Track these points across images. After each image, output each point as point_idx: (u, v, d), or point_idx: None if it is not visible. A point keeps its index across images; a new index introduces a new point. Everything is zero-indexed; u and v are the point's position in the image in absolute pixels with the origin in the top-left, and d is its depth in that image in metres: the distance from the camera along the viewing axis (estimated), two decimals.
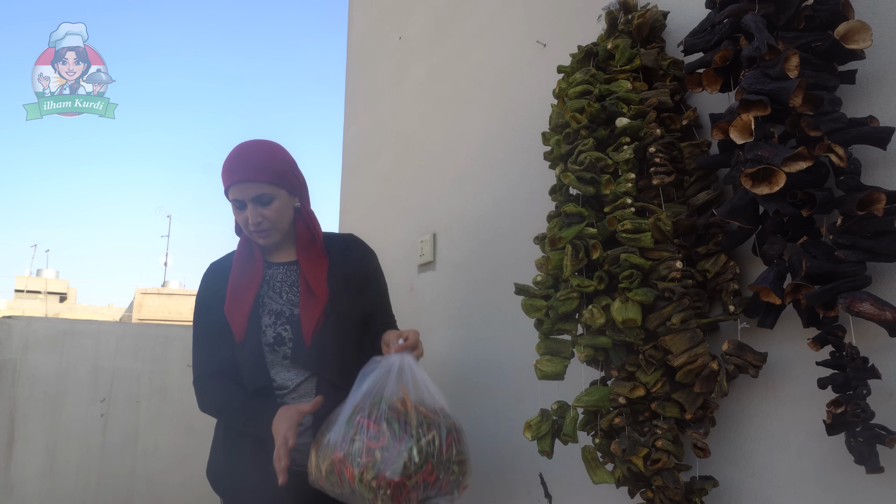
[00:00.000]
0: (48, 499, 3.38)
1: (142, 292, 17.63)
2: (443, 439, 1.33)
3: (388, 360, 1.40)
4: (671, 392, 1.17)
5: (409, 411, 1.33)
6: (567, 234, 1.25)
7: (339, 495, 1.33)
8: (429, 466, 1.29)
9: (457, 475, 1.35)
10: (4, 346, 3.43)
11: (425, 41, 2.53)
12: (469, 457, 1.40)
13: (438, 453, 1.31)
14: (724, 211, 1.10)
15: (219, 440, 1.63)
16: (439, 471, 1.30)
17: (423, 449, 1.29)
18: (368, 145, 2.98)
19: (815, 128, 1.02)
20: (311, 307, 1.57)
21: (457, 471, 1.35)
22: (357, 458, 1.27)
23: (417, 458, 1.27)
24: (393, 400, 1.33)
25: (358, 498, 1.30)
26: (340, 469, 1.28)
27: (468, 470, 1.39)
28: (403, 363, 1.40)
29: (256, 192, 1.55)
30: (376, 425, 1.30)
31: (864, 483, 1.00)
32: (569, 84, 1.36)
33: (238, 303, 1.57)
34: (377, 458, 1.26)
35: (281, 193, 1.58)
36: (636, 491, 1.21)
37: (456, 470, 1.34)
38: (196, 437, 3.41)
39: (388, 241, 2.58)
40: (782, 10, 1.08)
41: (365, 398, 1.34)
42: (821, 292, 0.98)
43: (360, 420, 1.31)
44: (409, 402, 1.34)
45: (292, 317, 1.58)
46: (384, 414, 1.31)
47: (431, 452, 1.30)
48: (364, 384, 1.36)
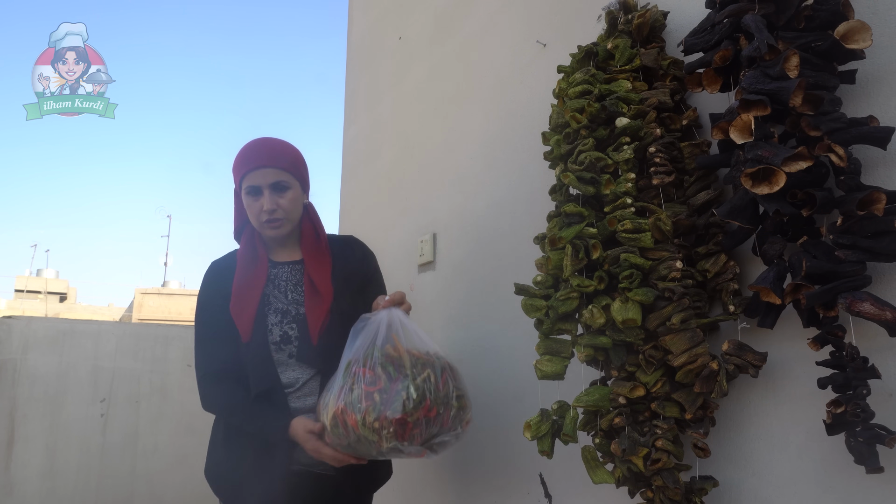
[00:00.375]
0: (48, 499, 3.38)
1: (142, 292, 17.63)
2: (438, 377, 1.38)
3: (376, 315, 1.45)
4: (671, 392, 1.17)
5: (402, 355, 1.38)
6: (567, 234, 1.25)
7: (346, 446, 1.37)
8: (427, 402, 1.34)
9: (457, 410, 1.40)
10: (4, 346, 3.43)
11: (425, 41, 2.53)
12: (467, 393, 1.45)
13: (435, 389, 1.36)
14: (724, 211, 1.10)
15: (218, 439, 1.63)
16: (438, 406, 1.36)
17: (419, 386, 1.34)
18: (368, 145, 2.98)
19: (815, 128, 1.02)
20: (318, 306, 1.58)
21: (456, 406, 1.40)
22: (357, 405, 1.32)
23: (415, 395, 1.32)
24: (386, 347, 1.38)
25: (364, 443, 1.34)
26: (343, 419, 1.33)
27: (468, 405, 1.44)
28: (392, 316, 1.44)
29: (274, 179, 1.58)
30: (372, 371, 1.35)
31: (864, 483, 1.00)
32: (569, 84, 1.36)
33: (244, 302, 1.58)
34: (376, 401, 1.31)
35: (295, 185, 1.63)
36: (636, 491, 1.21)
37: (455, 405, 1.39)
38: (196, 437, 3.41)
39: (388, 241, 2.58)
40: (782, 10, 1.08)
41: (358, 351, 1.39)
42: (821, 292, 0.98)
43: (355, 370, 1.36)
44: (401, 347, 1.39)
45: (298, 315, 1.59)
46: (378, 360, 1.36)
47: (428, 389, 1.35)
48: (356, 340, 1.41)
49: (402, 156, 2.64)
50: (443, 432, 1.38)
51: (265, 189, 1.58)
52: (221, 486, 1.60)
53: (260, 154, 1.59)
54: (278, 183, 1.58)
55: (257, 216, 1.59)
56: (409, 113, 2.61)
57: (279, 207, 1.58)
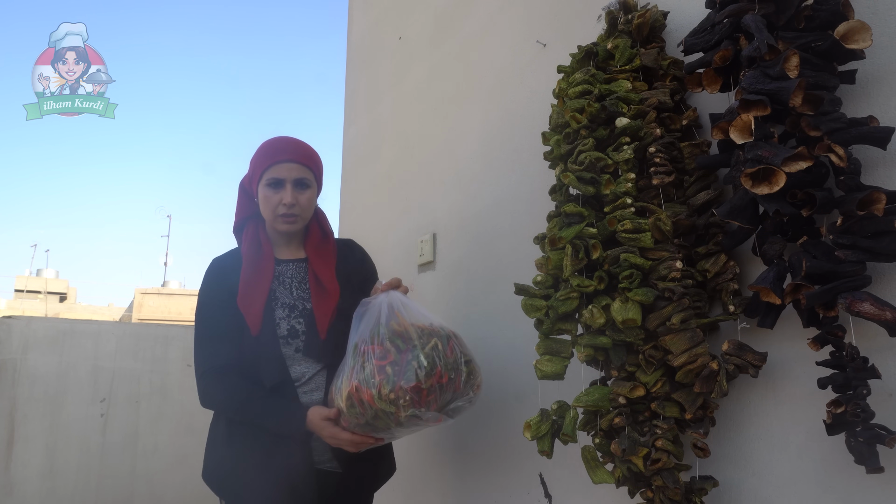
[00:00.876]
0: (48, 499, 3.38)
1: (142, 292, 17.63)
2: (444, 345, 1.43)
3: (376, 299, 1.49)
4: (671, 392, 1.17)
5: (407, 329, 1.42)
6: (567, 234, 1.25)
7: (364, 425, 1.41)
8: (438, 369, 1.38)
9: (467, 374, 1.44)
10: (4, 346, 3.43)
11: (425, 41, 2.53)
12: (474, 358, 1.50)
13: (445, 356, 1.40)
14: (724, 211, 1.10)
15: (219, 438, 1.62)
16: (450, 371, 1.40)
17: (429, 354, 1.38)
18: (368, 145, 2.98)
19: (815, 128, 1.02)
20: (325, 302, 1.60)
21: (466, 370, 1.44)
22: (371, 381, 1.35)
23: (426, 363, 1.37)
24: (391, 324, 1.42)
25: (382, 418, 1.37)
26: (359, 396, 1.37)
27: (476, 369, 1.49)
28: (392, 297, 1.49)
29: (299, 175, 1.62)
30: (381, 346, 1.39)
31: (864, 483, 1.00)
32: (569, 84, 1.36)
33: (252, 296, 1.59)
34: (389, 373, 1.35)
35: (314, 185, 1.67)
36: (636, 491, 1.21)
37: (465, 370, 1.44)
38: (196, 436, 3.41)
39: (388, 241, 2.58)
40: (782, 10, 1.08)
41: (364, 331, 1.43)
42: (821, 292, 0.98)
43: (364, 349, 1.40)
44: (406, 322, 1.43)
45: (305, 310, 1.61)
46: (385, 336, 1.40)
47: (438, 356, 1.40)
48: (360, 323, 1.46)
49: (402, 156, 2.64)
50: (456, 397, 1.43)
51: (288, 183, 1.60)
52: (225, 486, 1.59)
53: (288, 149, 1.63)
54: (302, 180, 1.62)
55: (274, 209, 1.61)
56: (409, 113, 2.61)
57: (298, 203, 1.61)
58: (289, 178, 1.60)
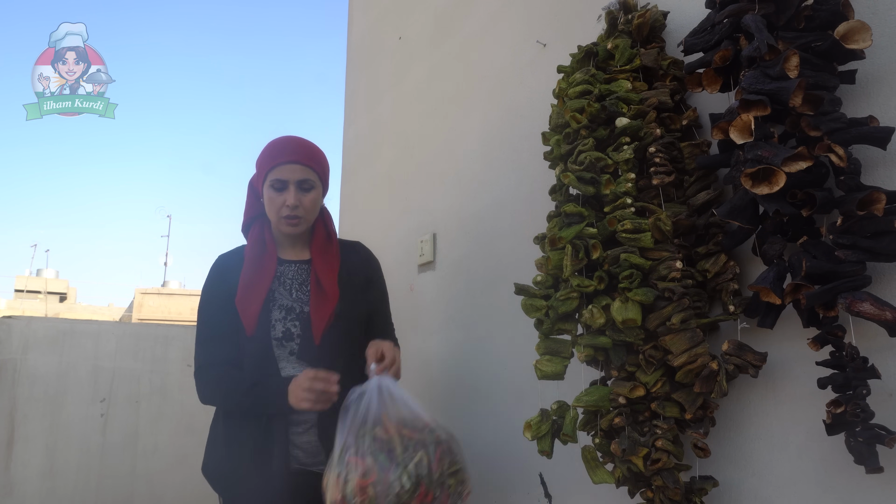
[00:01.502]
0: (48, 499, 3.38)
1: (142, 292, 17.64)
2: (431, 457, 1.36)
3: (367, 386, 1.43)
4: (671, 392, 1.17)
5: (392, 437, 1.36)
6: (567, 234, 1.25)
7: None
8: (422, 488, 1.33)
9: (454, 487, 1.38)
10: (4, 346, 3.43)
11: (425, 41, 2.53)
12: (465, 464, 1.42)
13: (429, 472, 1.34)
14: (724, 211, 1.10)
15: (218, 435, 1.62)
16: (434, 489, 1.34)
17: (412, 473, 1.33)
18: (368, 145, 2.98)
19: (815, 128, 1.02)
20: (323, 306, 1.59)
21: (453, 483, 1.38)
22: (353, 500, 1.31)
23: (408, 484, 1.31)
24: (376, 430, 1.37)
25: None
26: None
27: (466, 478, 1.42)
28: (381, 387, 1.43)
29: (303, 176, 1.60)
30: (363, 461, 1.33)
31: (864, 483, 1.00)
32: (569, 84, 1.36)
33: (250, 296, 1.58)
34: (371, 495, 1.31)
35: (319, 186, 1.65)
36: (636, 491, 1.21)
37: (452, 483, 1.38)
38: (196, 436, 3.41)
39: (388, 241, 2.58)
40: (782, 10, 1.08)
41: (350, 433, 1.38)
42: (821, 292, 0.98)
43: (348, 459, 1.35)
44: (392, 428, 1.37)
45: (302, 314, 1.60)
46: (369, 448, 1.34)
47: (422, 474, 1.34)
48: (347, 418, 1.40)
49: (401, 156, 2.64)
50: None
51: (291, 185, 1.59)
52: (222, 484, 1.60)
53: (292, 149, 1.61)
54: (305, 181, 1.60)
55: (278, 210, 1.60)
56: (409, 113, 2.61)
57: (301, 205, 1.60)
58: (292, 180, 1.59)
